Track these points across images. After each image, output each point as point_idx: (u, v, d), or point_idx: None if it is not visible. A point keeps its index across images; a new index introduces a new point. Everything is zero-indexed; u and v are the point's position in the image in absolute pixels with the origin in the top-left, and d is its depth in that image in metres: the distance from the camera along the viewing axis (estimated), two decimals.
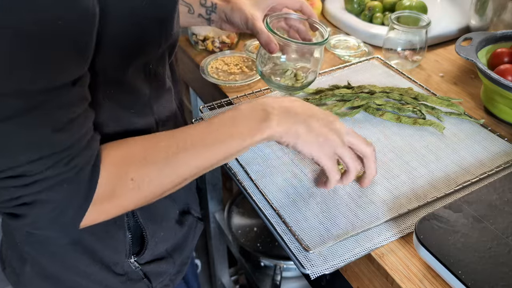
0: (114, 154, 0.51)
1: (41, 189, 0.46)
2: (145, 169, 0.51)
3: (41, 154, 0.44)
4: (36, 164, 0.44)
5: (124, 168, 0.50)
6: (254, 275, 1.38)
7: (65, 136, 0.45)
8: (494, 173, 0.71)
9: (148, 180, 0.51)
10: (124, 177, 0.50)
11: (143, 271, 0.68)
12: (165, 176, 0.52)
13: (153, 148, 0.52)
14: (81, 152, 0.47)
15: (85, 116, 0.48)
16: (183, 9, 0.79)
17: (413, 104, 0.84)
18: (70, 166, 0.46)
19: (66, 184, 0.46)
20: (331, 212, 0.65)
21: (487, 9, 1.01)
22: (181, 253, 0.74)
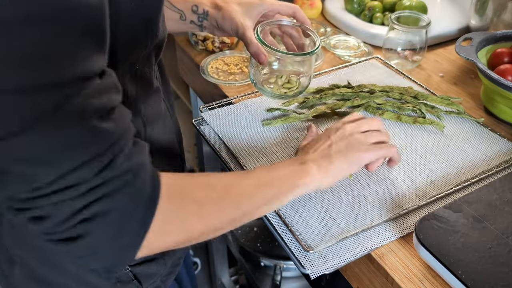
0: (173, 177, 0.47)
1: (100, 196, 0.40)
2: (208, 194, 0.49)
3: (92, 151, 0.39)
4: (89, 166, 0.39)
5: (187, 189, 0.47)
6: (254, 275, 1.38)
7: (110, 125, 0.40)
8: (494, 172, 0.71)
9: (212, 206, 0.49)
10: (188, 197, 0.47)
11: (133, 273, 0.68)
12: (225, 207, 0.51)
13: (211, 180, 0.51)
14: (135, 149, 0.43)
15: (123, 109, 0.44)
16: (175, 15, 0.78)
17: (413, 103, 0.84)
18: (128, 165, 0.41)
19: (128, 188, 0.41)
20: (331, 212, 0.65)
21: (487, 9, 1.01)
22: (172, 254, 0.74)
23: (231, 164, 0.74)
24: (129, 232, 0.42)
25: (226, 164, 0.74)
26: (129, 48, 0.53)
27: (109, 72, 0.44)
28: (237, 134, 0.80)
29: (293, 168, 0.58)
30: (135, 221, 0.42)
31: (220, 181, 0.52)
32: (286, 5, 0.78)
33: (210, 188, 0.50)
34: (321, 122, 0.83)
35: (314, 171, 0.59)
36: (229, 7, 0.76)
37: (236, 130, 0.81)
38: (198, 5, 0.78)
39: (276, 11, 0.78)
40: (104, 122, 0.40)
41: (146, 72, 0.59)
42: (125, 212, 0.42)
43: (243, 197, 0.53)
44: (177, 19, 0.79)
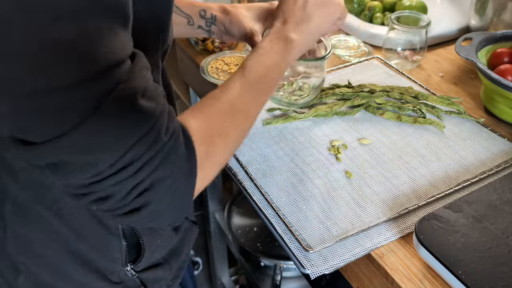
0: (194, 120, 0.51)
1: (154, 168, 0.44)
2: (225, 124, 0.53)
3: (142, 131, 0.42)
4: (140, 144, 0.42)
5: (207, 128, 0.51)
6: (254, 275, 1.38)
7: (151, 104, 0.43)
8: (494, 172, 0.71)
9: (230, 133, 0.53)
10: (213, 136, 0.51)
11: (140, 279, 0.68)
12: (239, 125, 0.55)
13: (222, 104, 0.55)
14: (171, 118, 0.46)
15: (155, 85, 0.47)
16: (183, 20, 0.78)
17: (413, 103, 0.84)
18: (168, 135, 0.45)
19: (172, 154, 0.45)
20: (331, 212, 0.65)
21: (487, 9, 1.01)
22: (177, 258, 0.74)
23: (231, 164, 0.74)
24: (182, 188, 0.47)
25: (226, 164, 0.74)
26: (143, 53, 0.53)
27: (138, 53, 0.46)
28: None
29: (281, 52, 0.62)
30: (184, 177, 0.47)
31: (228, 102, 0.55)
32: None
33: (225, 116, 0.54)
34: (321, 122, 0.83)
35: (298, 43, 0.63)
36: (237, 11, 0.76)
37: None
38: (206, 9, 0.77)
39: None
40: (147, 101, 0.43)
41: (155, 77, 0.59)
42: (176, 175, 0.46)
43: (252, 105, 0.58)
44: (184, 24, 0.78)
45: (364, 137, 0.79)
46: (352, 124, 0.82)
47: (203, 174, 0.50)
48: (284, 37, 0.62)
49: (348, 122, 0.82)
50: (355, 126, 0.81)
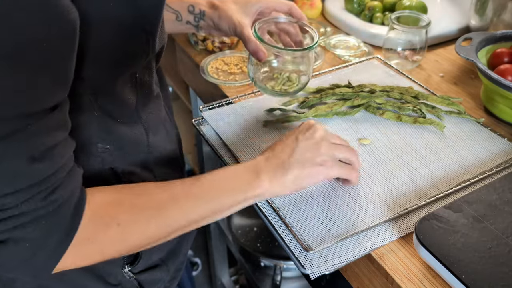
0: (101, 196, 0.48)
1: (16, 225, 0.42)
2: (133, 216, 0.48)
3: (16, 186, 0.41)
4: (11, 197, 0.41)
5: (111, 211, 0.47)
6: (254, 275, 1.38)
7: (42, 165, 0.42)
8: (494, 172, 0.71)
9: (136, 228, 0.49)
10: (110, 222, 0.47)
11: (138, 280, 0.67)
12: (153, 226, 0.50)
13: (143, 196, 0.50)
14: (61, 184, 0.44)
15: (64, 144, 0.45)
16: (171, 16, 0.78)
17: (413, 103, 0.84)
18: (48, 200, 0.43)
19: (44, 220, 0.43)
20: (331, 212, 0.65)
21: (487, 9, 1.01)
22: (175, 260, 0.74)
23: (231, 164, 0.74)
24: (40, 258, 0.44)
25: (226, 164, 0.74)
26: (130, 58, 0.53)
27: (63, 106, 0.44)
28: (237, 134, 0.80)
29: (244, 181, 0.57)
30: (47, 249, 0.44)
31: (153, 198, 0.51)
32: (282, 2, 0.78)
33: (137, 210, 0.49)
34: (321, 122, 0.83)
35: (265, 184, 0.57)
36: (225, 5, 0.76)
37: (236, 130, 0.81)
38: (194, 5, 0.77)
39: (272, 8, 0.78)
40: (39, 162, 0.42)
41: (147, 79, 0.59)
42: (37, 242, 0.43)
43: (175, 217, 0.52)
44: (173, 20, 0.78)
45: (364, 137, 0.79)
46: (352, 124, 0.82)
47: (80, 254, 0.47)
48: (256, 172, 0.57)
49: (348, 122, 0.82)
50: (355, 126, 0.81)
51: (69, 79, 0.44)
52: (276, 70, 0.79)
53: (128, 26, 0.49)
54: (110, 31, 0.47)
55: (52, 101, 0.42)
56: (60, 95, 0.43)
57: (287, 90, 0.78)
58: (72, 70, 0.44)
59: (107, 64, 0.50)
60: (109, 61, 0.49)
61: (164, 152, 0.67)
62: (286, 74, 0.78)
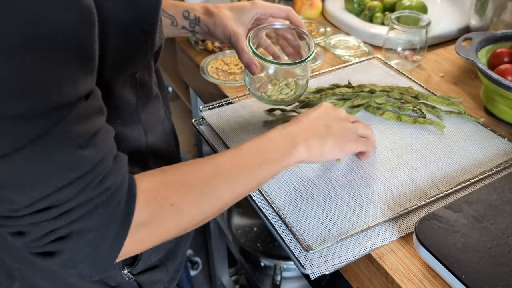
0: (150, 179, 0.48)
1: (75, 218, 0.42)
2: (185, 195, 0.49)
3: (69, 177, 0.41)
4: (65, 190, 0.41)
5: (163, 192, 0.48)
6: (254, 275, 1.38)
7: (90, 152, 0.42)
8: (494, 172, 0.71)
9: (189, 206, 0.49)
10: (164, 203, 0.47)
11: (137, 282, 0.67)
12: (205, 202, 0.51)
13: (190, 173, 0.51)
14: (111, 170, 0.44)
15: (105, 130, 0.45)
16: (166, 21, 0.77)
17: (413, 103, 0.84)
18: (102, 188, 0.43)
19: (101, 209, 0.43)
20: (332, 212, 0.65)
21: (487, 9, 1.01)
22: (174, 260, 0.74)
23: None
24: (104, 247, 0.44)
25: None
26: (129, 58, 0.53)
27: (95, 93, 0.44)
28: (237, 134, 0.80)
29: (282, 148, 0.58)
30: (110, 237, 0.44)
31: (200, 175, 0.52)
32: (279, 8, 0.76)
33: (188, 188, 0.50)
34: None
35: (302, 150, 0.59)
36: (220, 12, 0.75)
37: (236, 130, 0.81)
38: (190, 10, 0.76)
39: (269, 14, 0.76)
40: (85, 150, 0.41)
41: (146, 79, 0.59)
42: (99, 232, 0.44)
43: (224, 189, 0.53)
44: (168, 25, 0.77)
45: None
46: None
47: (138, 239, 0.47)
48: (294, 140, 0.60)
49: None
50: None
51: (95, 65, 0.43)
52: (273, 77, 0.78)
53: (127, 26, 0.49)
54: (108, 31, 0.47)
55: (85, 88, 0.42)
56: (90, 81, 0.43)
57: (284, 99, 0.78)
58: (96, 55, 0.43)
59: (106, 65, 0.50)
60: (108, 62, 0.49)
61: (162, 152, 0.67)
62: (284, 82, 0.77)
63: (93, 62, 0.43)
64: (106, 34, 0.47)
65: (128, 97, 0.56)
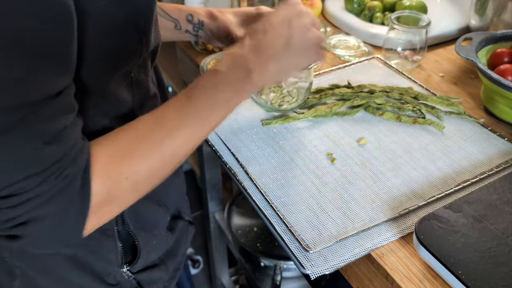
0: (103, 155, 0.49)
1: (35, 206, 0.44)
2: (136, 165, 0.49)
3: (31, 171, 0.43)
4: (26, 181, 0.43)
5: (116, 168, 0.48)
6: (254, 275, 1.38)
7: (53, 149, 0.43)
8: (494, 173, 0.71)
9: (142, 175, 0.50)
10: (118, 178, 0.48)
11: (136, 280, 0.67)
12: (157, 166, 0.51)
13: (139, 138, 0.50)
14: (71, 163, 0.45)
15: (72, 126, 0.46)
16: (170, 24, 0.77)
17: (413, 103, 0.84)
18: (61, 178, 0.44)
19: (59, 196, 0.45)
20: (332, 212, 0.65)
21: (487, 9, 1.01)
22: (173, 259, 0.74)
23: (231, 164, 0.74)
24: (66, 228, 0.46)
25: (226, 164, 0.74)
26: (123, 57, 0.52)
27: (68, 90, 0.45)
28: (236, 134, 0.80)
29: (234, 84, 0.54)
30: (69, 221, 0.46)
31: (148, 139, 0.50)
32: None
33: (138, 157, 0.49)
34: (320, 122, 0.83)
35: (257, 80, 0.55)
36: (224, 17, 0.75)
37: (235, 129, 0.81)
38: (193, 14, 0.76)
39: None
40: (49, 146, 0.43)
41: (142, 78, 0.59)
42: (57, 218, 0.45)
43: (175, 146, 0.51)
44: (171, 28, 0.77)
45: (363, 137, 0.79)
46: (352, 124, 0.82)
47: (102, 214, 0.49)
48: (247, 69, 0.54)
49: (347, 123, 0.82)
50: (355, 127, 0.81)
51: (71, 65, 0.44)
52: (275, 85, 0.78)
53: (121, 25, 0.49)
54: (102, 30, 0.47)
55: (56, 87, 0.43)
56: (64, 80, 0.44)
57: (286, 108, 0.77)
58: (73, 55, 0.44)
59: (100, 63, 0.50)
60: (102, 60, 0.49)
61: None
62: (286, 90, 0.77)
63: (67, 61, 0.44)
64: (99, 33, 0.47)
65: (124, 95, 0.56)
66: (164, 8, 0.77)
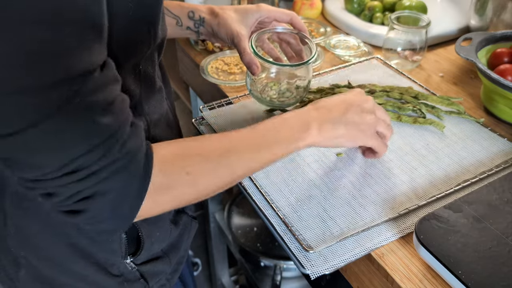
0: (167, 149, 0.51)
1: (99, 180, 0.45)
2: (201, 165, 0.52)
3: (92, 143, 0.44)
4: (89, 155, 0.44)
5: (180, 161, 0.51)
6: (254, 275, 1.38)
7: (109, 119, 0.44)
8: (494, 172, 0.71)
9: (204, 176, 0.52)
10: (180, 170, 0.50)
11: (140, 272, 0.68)
12: (219, 174, 0.53)
13: (206, 147, 0.54)
14: (130, 136, 0.47)
15: (121, 99, 0.47)
16: (171, 21, 0.78)
17: (413, 103, 0.84)
18: (123, 152, 0.46)
19: (122, 171, 0.46)
20: (332, 211, 0.65)
21: (487, 9, 1.01)
22: (176, 252, 0.75)
23: None
24: (125, 206, 0.48)
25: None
26: (132, 48, 0.53)
27: (110, 64, 0.46)
28: None
29: (295, 130, 0.59)
30: (130, 197, 0.47)
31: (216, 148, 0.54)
32: (283, 12, 0.77)
33: (203, 159, 0.53)
34: None
35: (314, 133, 0.60)
36: (225, 13, 0.76)
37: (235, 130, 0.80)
38: (195, 11, 0.77)
39: (273, 18, 0.77)
40: (104, 117, 0.44)
41: (150, 71, 0.59)
42: (121, 192, 0.47)
43: (238, 163, 0.55)
44: (173, 25, 0.78)
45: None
46: None
47: (157, 202, 0.50)
48: (307, 122, 0.61)
49: None
50: None
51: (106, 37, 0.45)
52: (275, 80, 0.78)
53: (131, 16, 0.50)
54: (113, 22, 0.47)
55: (100, 58, 0.44)
56: (104, 52, 0.45)
57: (284, 102, 0.78)
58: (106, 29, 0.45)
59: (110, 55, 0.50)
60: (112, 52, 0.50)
61: None
62: (285, 85, 0.77)
63: (104, 34, 0.45)
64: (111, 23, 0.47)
65: (132, 87, 0.57)
66: (166, 5, 0.78)
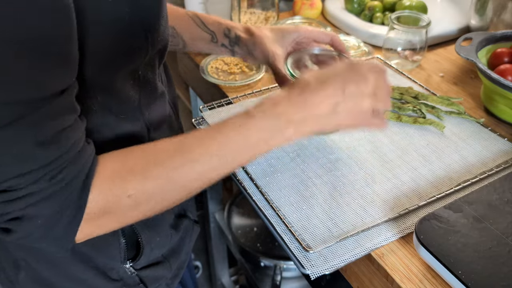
0: (110, 167, 0.48)
1: (27, 204, 0.44)
2: (144, 185, 0.48)
3: (25, 168, 0.43)
4: (21, 178, 0.43)
5: (121, 183, 0.47)
6: (254, 275, 1.38)
7: (50, 149, 0.43)
8: (494, 172, 0.71)
9: (148, 197, 0.48)
10: (121, 194, 0.47)
11: (139, 276, 0.68)
12: (166, 192, 0.50)
13: (155, 160, 0.49)
14: (68, 165, 0.45)
15: (73, 127, 0.46)
16: (206, 36, 0.77)
17: (413, 103, 0.84)
18: (56, 180, 0.44)
19: (54, 198, 0.45)
20: (332, 211, 0.65)
21: (487, 9, 1.01)
22: (177, 257, 0.74)
23: None
24: (59, 231, 0.46)
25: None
26: (128, 54, 0.52)
27: (70, 91, 0.45)
28: None
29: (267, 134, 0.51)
30: (62, 224, 0.46)
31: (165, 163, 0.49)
32: (323, 33, 0.75)
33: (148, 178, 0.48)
34: None
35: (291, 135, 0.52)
36: (261, 33, 0.74)
37: None
38: (231, 29, 0.76)
39: (312, 38, 0.75)
40: (46, 145, 0.43)
41: (150, 77, 0.59)
42: (50, 218, 0.45)
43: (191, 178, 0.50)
44: (208, 40, 0.77)
45: (364, 137, 0.79)
46: None
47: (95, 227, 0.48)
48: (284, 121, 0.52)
49: None
50: None
51: (72, 63, 0.44)
52: None
53: (127, 22, 0.49)
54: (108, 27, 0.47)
55: (57, 86, 0.43)
56: (65, 79, 0.44)
57: None
58: (75, 54, 0.44)
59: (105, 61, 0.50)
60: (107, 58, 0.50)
61: None
62: None
63: (68, 60, 0.44)
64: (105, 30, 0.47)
65: (130, 93, 0.56)
66: (202, 20, 0.77)
